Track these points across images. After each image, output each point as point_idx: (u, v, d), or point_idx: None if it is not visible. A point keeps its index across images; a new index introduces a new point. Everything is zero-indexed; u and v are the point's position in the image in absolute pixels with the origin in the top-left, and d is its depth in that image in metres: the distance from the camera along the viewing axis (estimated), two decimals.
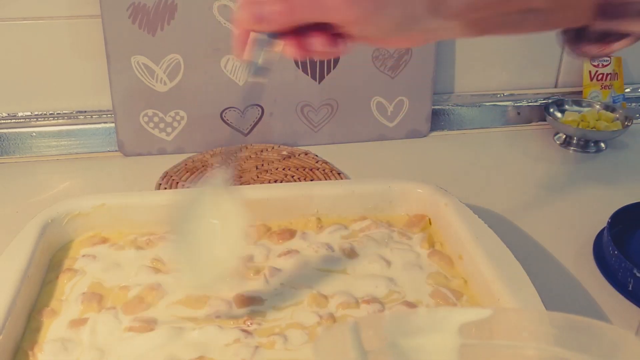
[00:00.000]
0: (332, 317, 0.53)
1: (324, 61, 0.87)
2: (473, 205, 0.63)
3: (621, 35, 0.44)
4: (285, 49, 0.44)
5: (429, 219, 0.65)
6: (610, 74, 0.97)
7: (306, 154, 0.86)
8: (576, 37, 0.46)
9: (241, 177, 0.80)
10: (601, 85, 0.97)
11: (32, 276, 0.54)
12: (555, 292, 0.61)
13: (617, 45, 0.45)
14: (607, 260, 0.65)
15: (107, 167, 0.85)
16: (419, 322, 0.38)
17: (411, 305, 0.54)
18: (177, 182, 0.78)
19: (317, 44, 0.43)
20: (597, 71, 0.97)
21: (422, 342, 0.37)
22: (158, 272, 0.58)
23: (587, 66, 0.96)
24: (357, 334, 0.37)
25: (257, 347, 0.49)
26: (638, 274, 0.60)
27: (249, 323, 0.52)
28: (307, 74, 0.87)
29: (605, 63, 0.96)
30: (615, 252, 0.62)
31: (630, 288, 0.61)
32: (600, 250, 0.67)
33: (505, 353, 0.38)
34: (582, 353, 0.36)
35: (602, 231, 0.68)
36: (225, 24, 0.83)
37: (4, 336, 0.47)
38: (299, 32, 0.43)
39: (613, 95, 0.98)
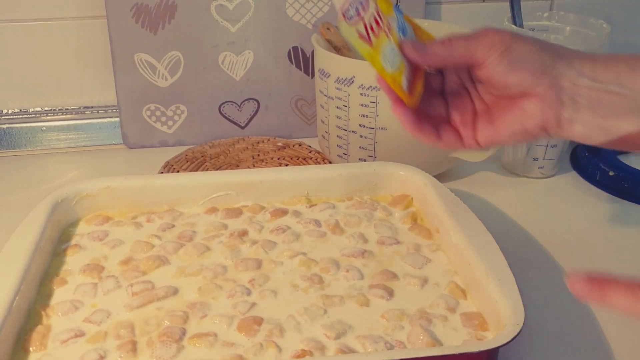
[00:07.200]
0: (321, 280, 0.58)
1: None
2: (454, 189, 0.67)
3: None
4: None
5: (411, 198, 0.70)
6: None
7: (300, 145, 0.90)
8: None
9: (238, 166, 0.84)
10: None
11: (44, 248, 0.59)
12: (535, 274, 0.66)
13: None
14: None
15: (112, 159, 0.89)
16: None
17: (390, 273, 0.59)
18: (178, 171, 0.83)
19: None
20: None
21: None
22: (154, 247, 0.63)
23: None
24: None
25: (254, 303, 0.55)
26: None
27: (251, 284, 0.57)
28: (301, 69, 0.92)
29: None
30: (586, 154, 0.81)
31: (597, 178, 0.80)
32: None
33: None
34: None
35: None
36: (222, 22, 0.87)
37: (20, 298, 0.52)
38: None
39: None
